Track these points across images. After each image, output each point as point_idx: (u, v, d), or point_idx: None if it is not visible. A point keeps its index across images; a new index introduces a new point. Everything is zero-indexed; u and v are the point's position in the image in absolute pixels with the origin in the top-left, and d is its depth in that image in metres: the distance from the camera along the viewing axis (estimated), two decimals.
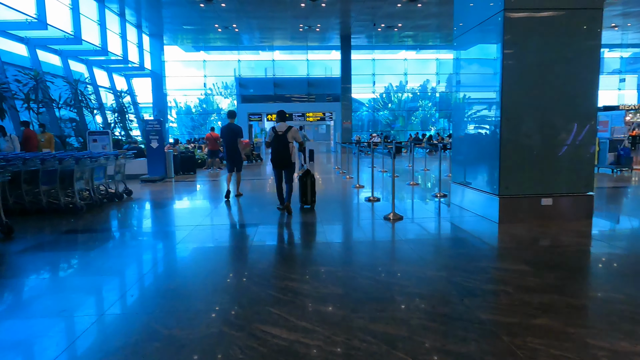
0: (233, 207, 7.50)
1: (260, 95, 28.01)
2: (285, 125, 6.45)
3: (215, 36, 24.99)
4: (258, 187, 10.06)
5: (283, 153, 6.35)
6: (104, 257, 4.50)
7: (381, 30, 23.38)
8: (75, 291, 3.49)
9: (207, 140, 14.61)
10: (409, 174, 11.83)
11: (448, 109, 32.47)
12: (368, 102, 34.57)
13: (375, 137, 24.39)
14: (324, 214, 6.51)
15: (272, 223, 5.99)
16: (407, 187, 9.66)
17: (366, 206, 7.25)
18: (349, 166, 13.11)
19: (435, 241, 4.95)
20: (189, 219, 6.47)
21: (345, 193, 9.16)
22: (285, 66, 29.69)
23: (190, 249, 4.73)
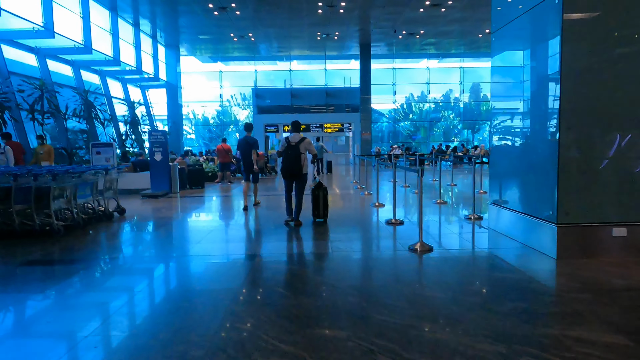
0: (234, 229, 6.54)
1: (277, 106, 27.30)
2: (299, 135, 6.38)
3: (231, 46, 24.49)
4: (269, 204, 9.09)
5: (294, 164, 6.25)
6: (51, 309, 3.55)
7: (402, 37, 22.41)
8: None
9: (218, 153, 13.79)
10: (434, 190, 10.68)
11: (472, 119, 31.12)
12: (388, 113, 33.50)
13: (396, 148, 23.27)
14: (338, 242, 5.47)
15: (276, 251, 4.99)
16: (433, 205, 8.52)
17: (387, 231, 6.17)
18: (368, 180, 12.03)
19: (479, 287, 3.82)
20: (182, 245, 5.54)
21: (363, 213, 8.09)
22: (303, 76, 28.97)
23: (174, 291, 3.74)
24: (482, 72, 29.75)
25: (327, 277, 4.09)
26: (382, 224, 6.66)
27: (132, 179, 11.37)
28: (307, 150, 6.35)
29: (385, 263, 4.66)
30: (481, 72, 29.80)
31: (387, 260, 4.75)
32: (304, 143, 6.31)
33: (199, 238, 5.83)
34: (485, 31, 21.62)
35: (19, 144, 9.66)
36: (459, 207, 8.47)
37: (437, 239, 5.68)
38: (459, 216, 7.36)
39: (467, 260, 4.67)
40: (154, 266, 4.65)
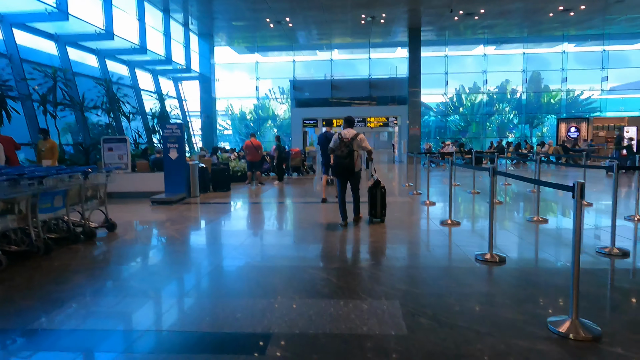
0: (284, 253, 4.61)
1: (316, 98, 25.28)
2: (353, 131, 6.04)
3: (268, 34, 22.71)
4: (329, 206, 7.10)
5: (347, 160, 5.92)
6: None
7: (458, 18, 19.72)
8: None
9: (246, 150, 11.96)
10: (516, 199, 8.30)
11: (531, 113, 27.74)
12: (435, 106, 30.70)
13: (449, 145, 20.65)
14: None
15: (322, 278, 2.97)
16: (530, 225, 6.16)
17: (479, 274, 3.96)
18: (419, 181, 9.77)
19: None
20: (182, 290, 3.65)
21: (436, 245, 5.87)
22: (344, 66, 26.79)
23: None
24: (545, 59, 26.37)
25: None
26: (475, 265, 4.45)
27: (145, 180, 9.75)
28: (361, 147, 6.01)
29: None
30: (544, 58, 26.42)
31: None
32: (357, 139, 5.94)
33: (227, 284, 3.89)
34: (558, 9, 18.57)
35: (10, 139, 8.19)
36: (571, 229, 6.08)
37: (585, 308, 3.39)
38: (588, 248, 5.01)
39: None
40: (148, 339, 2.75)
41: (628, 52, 25.10)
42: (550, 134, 28.48)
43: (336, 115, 23.98)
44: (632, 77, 24.71)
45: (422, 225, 6.39)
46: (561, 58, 24.79)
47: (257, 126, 30.52)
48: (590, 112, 26.57)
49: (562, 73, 24.80)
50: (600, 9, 18.90)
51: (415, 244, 5.34)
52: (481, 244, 4.93)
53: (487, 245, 4.42)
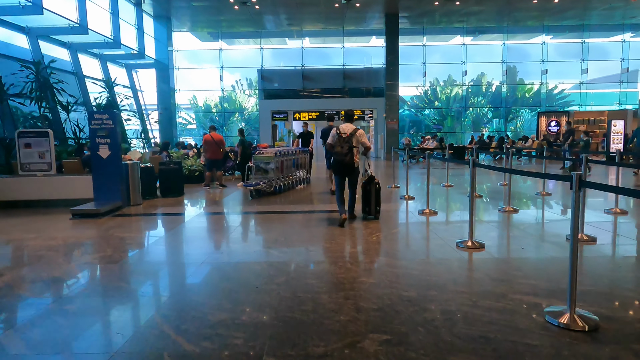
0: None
1: (286, 90, 23.48)
2: (352, 126, 5.78)
3: (233, 17, 20.66)
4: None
5: (348, 157, 5.62)
6: None
7: (439, 3, 18.34)
8: None
9: (206, 145, 10.07)
10: (524, 204, 6.90)
11: (506, 107, 26.82)
12: (410, 100, 29.46)
13: (429, 140, 19.34)
14: None
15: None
16: (563, 244, 4.67)
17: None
18: (407, 185, 8.26)
19: None
20: None
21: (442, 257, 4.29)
22: (316, 56, 25.04)
23: None
24: (525, 51, 25.49)
25: None
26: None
27: (73, 185, 7.74)
28: (360, 143, 5.75)
29: None
30: (524, 50, 25.54)
31: None
32: (357, 135, 5.72)
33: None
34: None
35: None
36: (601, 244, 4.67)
37: None
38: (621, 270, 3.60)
39: None
40: None
41: (607, 44, 24.54)
42: (525, 128, 27.77)
43: (308, 107, 22.27)
44: (611, 70, 24.17)
45: (434, 252, 4.80)
46: (541, 49, 23.95)
47: (223, 120, 28.38)
48: (565, 105, 25.95)
49: (542, 65, 23.97)
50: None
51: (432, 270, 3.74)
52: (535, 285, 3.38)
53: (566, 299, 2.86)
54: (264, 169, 8.76)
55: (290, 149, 9.99)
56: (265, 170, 8.74)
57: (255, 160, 8.90)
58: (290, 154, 9.76)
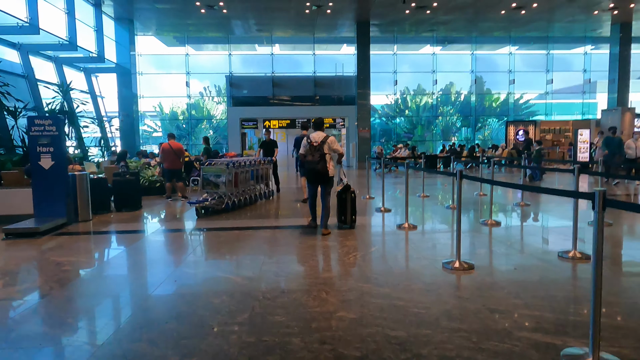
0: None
1: (255, 97, 22.84)
2: (322, 134, 5.73)
3: (200, 22, 19.91)
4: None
5: (320, 165, 5.55)
6: None
7: (410, 12, 18.26)
8: None
9: (164, 155, 9.29)
10: (505, 215, 6.55)
11: (474, 115, 27.09)
12: (380, 108, 29.41)
13: (402, 148, 19.13)
14: None
15: None
16: (556, 262, 4.30)
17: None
18: (383, 197, 7.84)
19: None
20: None
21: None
22: (287, 63, 24.54)
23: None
24: (493, 61, 25.89)
25: None
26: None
27: (13, 198, 6.86)
28: (332, 150, 5.65)
29: None
30: (492, 60, 25.93)
31: None
32: (327, 142, 5.65)
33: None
34: (511, 5, 17.69)
35: None
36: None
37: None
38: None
39: None
40: None
41: (570, 55, 25.26)
42: (493, 136, 28.17)
43: (278, 115, 21.71)
44: (574, 81, 24.87)
45: (419, 274, 4.31)
46: (508, 60, 24.37)
47: (190, 127, 27.40)
48: (531, 115, 26.49)
49: (510, 75, 24.38)
50: (551, 8, 18.34)
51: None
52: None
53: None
54: (214, 182, 7.63)
55: (248, 159, 8.66)
56: (215, 184, 7.63)
57: (204, 173, 7.74)
58: (248, 165, 8.47)
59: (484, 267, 4.07)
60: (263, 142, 10.04)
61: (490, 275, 3.86)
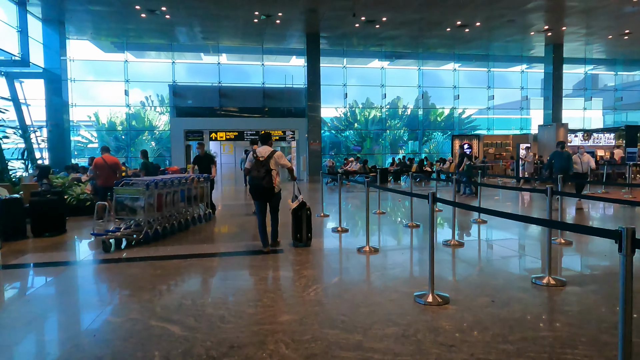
0: None
1: (201, 107, 21.83)
2: (269, 149, 5.55)
3: (140, 27, 18.71)
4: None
5: (265, 181, 5.36)
6: None
7: (359, 25, 18.27)
8: None
9: (97, 170, 8.25)
10: (465, 234, 6.32)
11: (420, 129, 27.71)
12: (330, 121, 29.34)
13: (353, 162, 18.92)
14: None
15: None
16: (531, 290, 3.99)
17: None
18: (322, 205, 7.41)
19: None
20: None
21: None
22: (234, 73, 23.77)
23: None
24: (438, 77, 26.70)
25: None
26: None
27: None
28: (279, 165, 5.53)
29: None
30: (437, 76, 26.73)
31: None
32: (274, 157, 5.45)
33: None
34: (456, 23, 18.22)
35: None
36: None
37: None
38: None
39: None
40: None
41: (509, 73, 26.59)
42: (437, 150, 28.91)
43: (225, 127, 20.83)
44: (513, 97, 26.17)
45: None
46: (452, 76, 25.18)
47: (129, 139, 25.68)
48: (472, 129, 27.51)
49: (454, 90, 25.18)
50: (492, 27, 19.12)
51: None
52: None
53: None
54: (130, 207, 6.20)
55: (177, 177, 7.30)
56: (132, 208, 6.19)
57: (118, 195, 6.26)
58: (177, 184, 7.04)
59: (460, 301, 3.66)
60: (196, 157, 8.77)
61: (469, 310, 3.45)
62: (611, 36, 20.59)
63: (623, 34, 19.93)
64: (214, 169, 8.58)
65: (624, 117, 28.77)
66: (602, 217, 8.78)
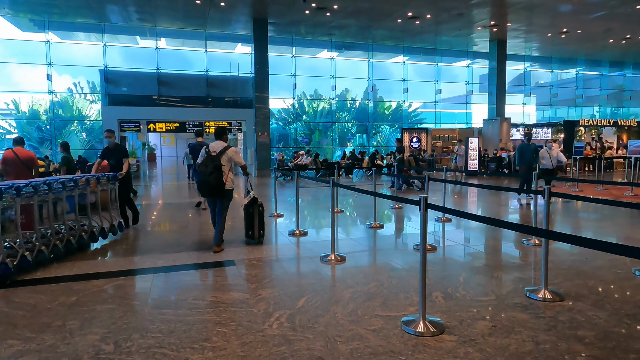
0: None
1: (138, 96, 20.02)
2: (223, 144, 5.32)
3: (65, 3, 16.61)
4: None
5: (212, 177, 5.02)
6: None
7: (309, 13, 17.45)
8: None
9: (6, 166, 6.81)
10: (432, 237, 5.79)
11: (372, 122, 27.60)
12: (277, 113, 28.39)
13: (303, 155, 18.17)
14: None
15: None
16: (528, 305, 3.46)
17: None
18: (276, 203, 6.69)
19: None
20: None
21: None
22: (175, 59, 22.04)
23: None
24: (388, 69, 26.54)
25: None
26: None
27: None
28: (232, 161, 5.26)
29: None
30: (387, 68, 26.57)
31: None
32: (227, 153, 5.21)
33: None
34: (407, 14, 17.95)
35: None
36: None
37: None
38: None
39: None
40: None
41: (455, 68, 27.01)
42: (386, 143, 28.93)
43: (165, 117, 19.24)
44: (459, 92, 26.63)
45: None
46: (402, 69, 25.12)
47: (55, 129, 23.14)
48: (419, 122, 27.76)
49: (404, 83, 25.15)
50: (441, 21, 19.09)
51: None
52: None
53: None
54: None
55: (61, 179, 5.32)
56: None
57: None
58: (58, 189, 5.08)
59: (456, 328, 3.04)
60: (106, 149, 6.92)
61: (470, 342, 2.83)
62: (550, 34, 21.39)
63: (561, 32, 20.75)
64: (125, 165, 6.80)
65: (553, 112, 30.44)
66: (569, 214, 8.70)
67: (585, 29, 20.24)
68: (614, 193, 10.82)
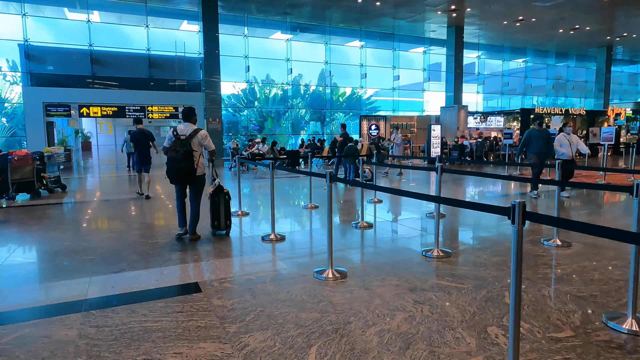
0: None
1: (68, 75, 17.65)
2: (192, 126, 4.95)
3: None
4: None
5: (184, 164, 4.72)
6: None
7: None
8: None
9: None
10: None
11: (328, 109, 26.59)
12: (227, 99, 26.63)
13: (259, 143, 16.80)
14: None
15: None
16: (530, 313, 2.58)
17: None
18: (239, 199, 5.57)
19: None
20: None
21: None
22: (111, 35, 19.62)
23: None
24: (343, 54, 25.55)
25: None
26: None
27: None
28: (202, 146, 4.95)
29: None
30: (342, 53, 25.57)
31: None
32: (197, 136, 4.89)
33: None
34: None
35: None
36: None
37: None
38: None
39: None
40: None
41: (413, 54, 26.56)
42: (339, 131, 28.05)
43: (101, 101, 17.06)
44: (417, 79, 26.25)
45: None
46: (359, 54, 24.25)
47: None
48: (374, 110, 27.18)
49: (361, 69, 24.32)
50: (402, 3, 18.35)
51: None
52: None
53: None
54: None
55: None
56: None
57: None
58: None
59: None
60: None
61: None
62: (506, 22, 21.38)
63: (517, 20, 20.77)
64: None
65: (505, 101, 31.11)
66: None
67: (539, 17, 20.38)
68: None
